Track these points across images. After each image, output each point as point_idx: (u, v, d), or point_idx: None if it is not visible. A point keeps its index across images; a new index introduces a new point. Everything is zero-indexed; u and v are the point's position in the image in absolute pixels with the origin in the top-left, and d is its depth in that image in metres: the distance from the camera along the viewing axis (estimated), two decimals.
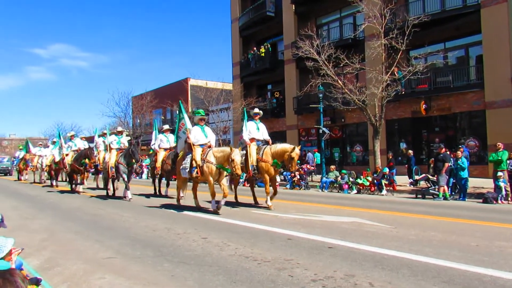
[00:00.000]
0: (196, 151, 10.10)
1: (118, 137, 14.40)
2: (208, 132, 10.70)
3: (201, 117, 10.89)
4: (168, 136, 14.51)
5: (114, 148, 13.92)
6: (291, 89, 26.68)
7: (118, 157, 13.39)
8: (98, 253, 6.00)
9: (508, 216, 9.23)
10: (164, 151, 14.22)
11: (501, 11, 17.24)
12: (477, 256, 5.36)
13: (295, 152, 10.18)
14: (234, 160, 9.21)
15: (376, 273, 4.74)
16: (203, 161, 9.84)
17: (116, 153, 13.64)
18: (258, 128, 11.47)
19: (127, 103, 42.28)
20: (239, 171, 9.50)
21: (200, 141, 10.39)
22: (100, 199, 13.65)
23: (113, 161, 13.46)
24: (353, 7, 20.79)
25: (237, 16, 31.88)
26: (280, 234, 7.13)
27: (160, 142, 14.45)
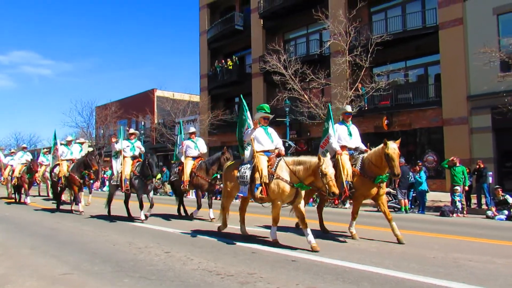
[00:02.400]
0: (261, 161, 7.33)
1: (131, 142, 11.49)
2: (274, 135, 7.91)
3: (265, 114, 7.90)
4: (197, 142, 11.76)
5: (127, 156, 11.23)
6: (258, 102, 26.64)
7: (134, 167, 10.87)
8: (55, 269, 5.75)
9: (463, 229, 9.61)
10: (192, 160, 11.38)
11: (457, 33, 18.19)
12: (434, 268, 5.53)
13: None
14: (327, 174, 6.46)
15: (338, 285, 4.80)
16: (272, 176, 7.10)
17: (132, 162, 11.09)
18: (350, 132, 8.57)
19: (91, 113, 41.21)
20: (335, 189, 6.51)
21: (265, 146, 7.67)
22: (60, 212, 13.11)
23: (127, 172, 10.85)
24: (319, 24, 21.37)
25: (206, 29, 31.98)
26: (244, 247, 7.10)
27: (187, 149, 11.55)
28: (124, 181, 10.80)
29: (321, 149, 8.59)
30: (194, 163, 11.30)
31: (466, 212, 12.62)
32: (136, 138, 11.90)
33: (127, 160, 11.12)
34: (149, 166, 10.14)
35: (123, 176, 10.85)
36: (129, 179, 10.76)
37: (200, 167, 11.02)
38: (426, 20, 19.91)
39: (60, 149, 13.62)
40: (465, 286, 4.72)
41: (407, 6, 21.10)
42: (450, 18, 18.48)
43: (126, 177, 10.80)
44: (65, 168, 13.30)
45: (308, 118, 19.56)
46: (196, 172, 11.00)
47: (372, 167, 7.65)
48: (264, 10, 26.49)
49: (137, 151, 11.42)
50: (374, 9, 22.56)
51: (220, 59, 30.96)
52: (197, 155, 11.55)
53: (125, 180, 10.79)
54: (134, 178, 10.62)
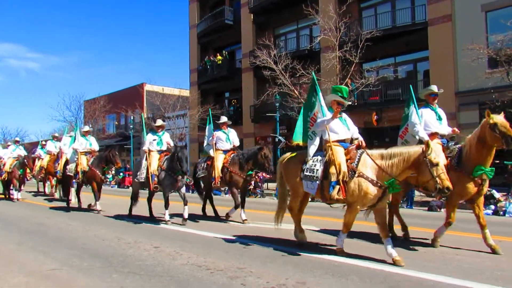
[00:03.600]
0: (338, 153, 5.96)
1: (158, 135, 10.33)
2: (350, 123, 6.59)
3: (340, 99, 6.43)
4: (229, 133, 10.44)
5: (154, 150, 10.13)
6: (249, 98, 26.87)
7: (162, 161, 9.79)
8: (43, 265, 5.70)
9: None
10: (223, 154, 10.16)
11: (446, 29, 18.34)
12: (422, 262, 5.60)
13: None
14: (439, 165, 5.26)
15: (327, 280, 4.84)
16: (352, 173, 5.77)
17: (159, 156, 9.97)
18: (439, 116, 7.12)
19: (79, 107, 40.88)
20: (449, 183, 5.25)
21: (340, 135, 6.29)
22: (48, 209, 12.97)
23: (154, 167, 9.78)
24: (309, 19, 21.37)
25: (195, 23, 31.78)
26: (234, 242, 7.11)
27: (218, 141, 10.30)
28: (152, 178, 9.71)
29: (400, 139, 7.31)
30: (225, 157, 10.07)
31: None
32: (163, 131, 10.54)
33: (153, 155, 9.99)
34: (178, 161, 9.08)
35: (149, 172, 9.73)
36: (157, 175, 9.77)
37: (234, 162, 9.81)
38: (415, 16, 20.04)
39: (79, 140, 12.35)
40: (452, 280, 4.78)
41: (397, 2, 21.20)
42: (439, 15, 18.62)
43: (153, 173, 9.72)
44: (85, 161, 12.05)
45: (298, 114, 19.55)
46: (229, 168, 9.78)
47: (471, 155, 6.16)
48: (254, 4, 26.40)
49: (164, 145, 10.26)
50: (364, 5, 22.63)
51: (210, 54, 30.82)
52: (229, 148, 10.28)
53: (152, 177, 9.70)
54: (162, 174, 9.59)
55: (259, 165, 9.44)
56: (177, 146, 9.61)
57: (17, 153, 16.56)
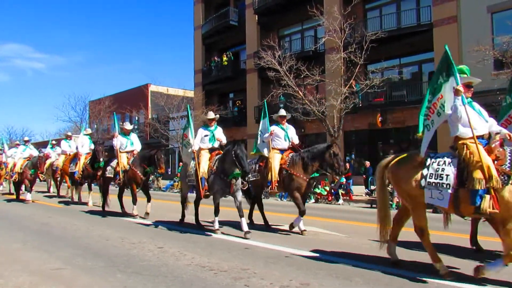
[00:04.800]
0: (481, 153, 4.65)
1: (210, 130, 8.91)
2: (484, 113, 5.53)
3: (470, 80, 5.49)
4: (287, 130, 8.98)
5: (205, 148, 8.77)
6: (253, 98, 26.86)
7: (213, 162, 8.38)
8: (47, 264, 5.72)
9: (454, 226, 9.66)
10: (280, 154, 8.70)
11: (451, 30, 18.26)
12: (427, 265, 5.56)
13: None
14: None
15: (330, 281, 4.82)
16: (506, 178, 4.48)
17: (209, 156, 8.60)
18: None
19: (84, 107, 41.01)
20: None
21: (478, 129, 4.98)
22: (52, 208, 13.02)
23: (205, 169, 8.36)
24: (314, 20, 21.33)
25: (200, 24, 31.84)
26: (237, 243, 7.11)
27: (275, 139, 8.81)
28: (202, 181, 8.25)
29: (502, 129, 5.41)
30: (282, 157, 8.62)
31: None
32: (215, 125, 9.09)
33: (203, 154, 8.60)
34: (237, 160, 7.51)
35: (199, 174, 8.35)
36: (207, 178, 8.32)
37: (294, 163, 8.35)
38: (420, 17, 19.97)
39: (119, 139, 11.25)
40: (454, 283, 4.75)
41: (402, 3, 21.14)
42: (444, 16, 18.55)
43: (203, 175, 8.29)
44: (125, 161, 10.93)
45: (303, 115, 19.56)
46: (289, 169, 8.30)
47: None
48: (258, 5, 26.41)
49: (216, 142, 8.87)
50: (369, 6, 22.59)
51: (215, 55, 30.86)
52: (286, 147, 8.80)
53: (202, 180, 8.25)
54: (212, 176, 8.15)
55: (328, 165, 8.06)
56: (235, 142, 8.11)
57: (28, 153, 15.96)
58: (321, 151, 8.10)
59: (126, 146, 11.19)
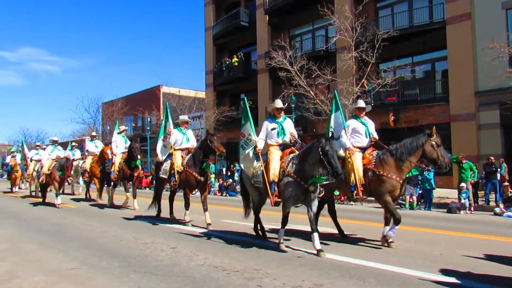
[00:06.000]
0: None
1: (278, 122, 7.31)
2: None
3: None
4: (367, 123, 7.65)
5: (273, 144, 7.21)
6: (264, 99, 26.84)
7: (286, 162, 6.74)
8: (62, 264, 5.80)
9: (470, 226, 9.55)
10: (360, 153, 7.29)
11: (465, 28, 18.01)
12: (440, 265, 5.50)
13: None
14: None
15: (343, 282, 4.79)
16: None
17: (280, 154, 7.02)
18: None
19: (97, 109, 41.47)
20: None
21: None
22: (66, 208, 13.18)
23: (276, 170, 6.78)
24: (325, 19, 21.25)
25: (211, 25, 31.94)
26: (250, 243, 7.11)
27: (354, 135, 7.49)
28: (271, 187, 6.74)
29: None
30: (364, 155, 7.25)
31: (473, 209, 12.54)
32: (284, 116, 7.56)
33: (272, 151, 7.09)
34: (326, 159, 5.92)
35: (268, 177, 6.76)
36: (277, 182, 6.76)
37: (382, 161, 6.95)
38: (433, 15, 19.73)
39: (174, 135, 9.89)
40: (472, 283, 4.68)
41: (414, 1, 20.90)
42: (457, 13, 18.29)
43: (274, 179, 6.73)
44: (180, 160, 9.51)
45: (314, 114, 19.50)
46: (377, 170, 6.91)
47: None
48: (269, 6, 26.40)
49: (288, 137, 7.27)
50: (380, 5, 22.39)
51: (226, 56, 30.93)
52: (368, 144, 7.53)
53: (272, 186, 6.75)
54: (285, 180, 6.53)
55: (430, 160, 6.79)
56: (324, 136, 6.45)
57: (56, 154, 15.11)
58: (420, 143, 6.76)
59: (182, 142, 9.81)
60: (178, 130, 9.90)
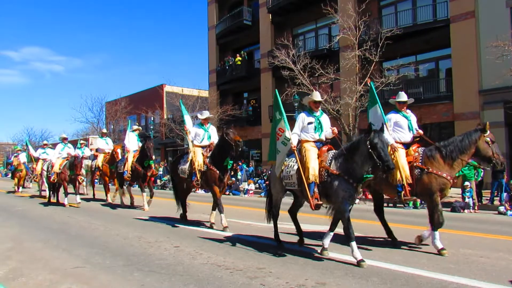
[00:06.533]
0: None
1: (315, 117, 6.64)
2: None
3: None
4: (410, 116, 7.21)
5: (309, 140, 6.53)
6: (267, 98, 26.83)
7: (328, 160, 6.03)
8: (66, 263, 5.83)
9: (474, 225, 9.52)
10: (403, 149, 6.68)
11: (469, 26, 17.92)
12: (444, 264, 5.49)
13: None
14: None
15: (347, 281, 4.79)
16: None
17: (317, 151, 6.28)
18: None
19: (101, 108, 41.60)
20: None
21: None
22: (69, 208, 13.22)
23: (315, 168, 6.03)
24: (328, 18, 21.19)
25: (214, 24, 31.94)
26: (254, 242, 7.11)
27: (396, 130, 7.00)
28: (310, 187, 5.98)
29: None
30: (408, 152, 6.67)
31: (477, 208, 12.50)
32: (321, 111, 6.88)
33: (308, 148, 6.35)
34: (375, 153, 5.35)
35: (307, 177, 5.98)
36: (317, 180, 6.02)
37: (430, 158, 6.44)
38: (437, 13, 19.63)
39: (194, 130, 9.46)
40: (476, 282, 4.68)
41: None
42: (461, 11, 18.21)
43: (314, 179, 5.96)
44: (201, 158, 8.85)
45: None
46: (425, 167, 6.36)
47: None
48: (272, 4, 26.35)
49: (325, 133, 6.64)
50: (384, 3, 22.32)
51: (229, 55, 30.93)
52: (411, 139, 7.01)
53: (311, 186, 5.99)
54: (334, 179, 5.81)
55: (484, 158, 6.30)
56: (372, 128, 5.53)
57: (66, 152, 14.60)
58: (473, 140, 6.23)
59: (203, 139, 9.28)
60: (200, 126, 9.47)
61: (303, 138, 6.54)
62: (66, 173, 13.38)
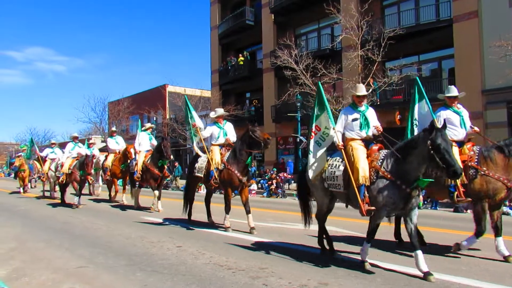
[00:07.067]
0: None
1: (361, 112, 6.03)
2: None
3: None
4: (462, 113, 6.84)
5: (355, 138, 5.92)
6: (270, 98, 26.84)
7: (379, 160, 5.35)
8: (69, 262, 5.85)
9: None
10: (456, 147, 6.06)
11: (472, 26, 17.87)
12: (446, 264, 5.48)
13: None
14: None
15: (349, 281, 4.79)
16: None
17: (365, 151, 5.66)
18: None
19: (103, 108, 41.63)
20: None
21: None
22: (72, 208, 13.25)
23: (366, 170, 5.37)
24: (331, 18, 21.19)
25: (217, 24, 31.97)
26: (256, 242, 7.12)
27: (450, 127, 6.26)
28: (360, 191, 5.32)
29: None
30: (462, 151, 6.13)
31: None
32: (367, 105, 6.26)
33: (355, 147, 5.67)
34: (438, 156, 4.68)
35: (357, 179, 5.33)
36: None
37: (486, 158, 5.84)
38: (440, 13, 19.58)
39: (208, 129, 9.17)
40: (478, 283, 4.66)
41: None
42: (464, 11, 18.15)
43: (363, 181, 5.29)
44: (218, 157, 8.54)
45: None
46: (481, 168, 5.80)
47: None
48: (275, 4, 26.35)
49: (372, 130, 6.02)
50: (386, 3, 22.28)
51: (231, 55, 30.95)
52: (464, 138, 6.53)
53: (361, 189, 5.33)
54: (380, 183, 5.17)
55: None
56: (434, 125, 4.91)
57: (77, 151, 13.88)
58: None
59: (219, 137, 8.95)
60: (215, 125, 9.10)
61: (348, 136, 5.90)
62: (76, 173, 12.95)
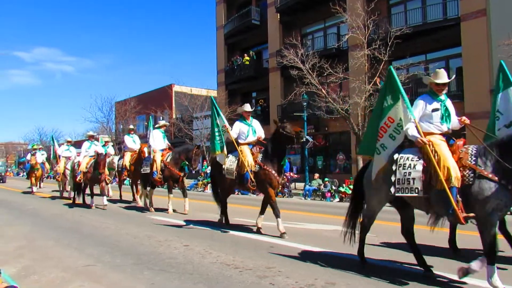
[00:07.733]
0: None
1: (441, 102, 5.02)
2: None
3: None
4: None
5: (435, 132, 4.98)
6: (276, 97, 26.83)
7: (469, 158, 4.52)
8: (77, 261, 5.90)
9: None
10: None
11: (480, 24, 17.74)
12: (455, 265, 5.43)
13: None
14: None
15: (357, 281, 4.78)
16: None
17: (451, 147, 4.80)
18: None
19: (110, 108, 41.85)
20: None
21: None
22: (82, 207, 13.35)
23: (457, 170, 4.46)
24: (337, 17, 21.13)
25: (222, 24, 32.02)
26: (263, 242, 7.13)
27: None
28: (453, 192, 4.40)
29: None
30: None
31: None
32: (445, 95, 5.17)
33: (439, 143, 4.79)
34: None
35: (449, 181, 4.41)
36: None
37: None
38: (447, 12, 19.48)
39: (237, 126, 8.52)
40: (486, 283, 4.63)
41: None
42: (472, 10, 18.03)
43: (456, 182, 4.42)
44: (251, 157, 7.99)
45: (326, 113, 19.42)
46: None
47: None
48: (280, 4, 26.35)
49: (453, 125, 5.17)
50: (393, 2, 22.20)
51: (237, 54, 30.98)
52: None
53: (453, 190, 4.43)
54: (488, 186, 4.24)
55: None
56: None
57: (93, 150, 13.56)
58: None
59: (248, 135, 8.37)
60: (243, 122, 8.55)
61: (426, 129, 4.90)
62: (92, 173, 12.73)
